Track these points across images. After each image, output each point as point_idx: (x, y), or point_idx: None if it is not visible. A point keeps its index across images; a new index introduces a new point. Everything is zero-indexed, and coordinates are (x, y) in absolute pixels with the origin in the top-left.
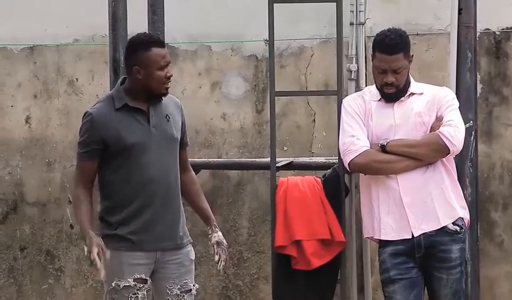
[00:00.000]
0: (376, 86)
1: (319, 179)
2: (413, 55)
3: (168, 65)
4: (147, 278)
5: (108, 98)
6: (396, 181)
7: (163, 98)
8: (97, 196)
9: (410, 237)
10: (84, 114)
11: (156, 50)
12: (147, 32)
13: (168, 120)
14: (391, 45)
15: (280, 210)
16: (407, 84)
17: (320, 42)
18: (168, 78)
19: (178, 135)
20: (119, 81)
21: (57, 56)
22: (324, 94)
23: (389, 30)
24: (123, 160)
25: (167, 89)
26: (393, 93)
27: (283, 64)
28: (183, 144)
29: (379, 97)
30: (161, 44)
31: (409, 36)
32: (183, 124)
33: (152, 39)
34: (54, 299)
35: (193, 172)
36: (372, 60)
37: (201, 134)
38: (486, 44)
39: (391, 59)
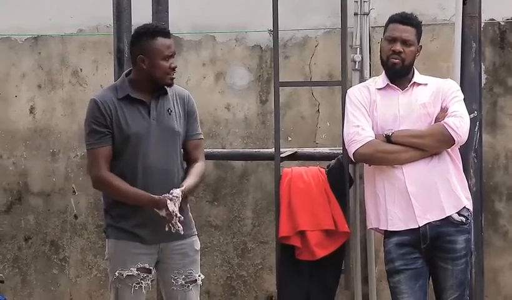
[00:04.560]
0: (382, 62)
1: (323, 170)
2: (421, 46)
3: (173, 56)
4: (151, 268)
5: (112, 87)
6: (402, 171)
7: (168, 90)
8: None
9: (416, 226)
10: (89, 102)
11: (161, 40)
12: (152, 22)
13: (170, 114)
14: (406, 16)
15: (284, 201)
16: (411, 70)
17: (324, 33)
18: (173, 69)
19: (180, 129)
20: (125, 72)
21: (61, 46)
22: (328, 85)
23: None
24: (122, 151)
25: (172, 79)
26: (398, 65)
27: (287, 55)
28: (189, 135)
29: (384, 83)
30: (167, 34)
31: None
32: (188, 115)
33: (158, 29)
34: (58, 289)
35: (201, 163)
36: (383, 36)
37: (205, 125)
38: (490, 34)
39: (402, 28)
